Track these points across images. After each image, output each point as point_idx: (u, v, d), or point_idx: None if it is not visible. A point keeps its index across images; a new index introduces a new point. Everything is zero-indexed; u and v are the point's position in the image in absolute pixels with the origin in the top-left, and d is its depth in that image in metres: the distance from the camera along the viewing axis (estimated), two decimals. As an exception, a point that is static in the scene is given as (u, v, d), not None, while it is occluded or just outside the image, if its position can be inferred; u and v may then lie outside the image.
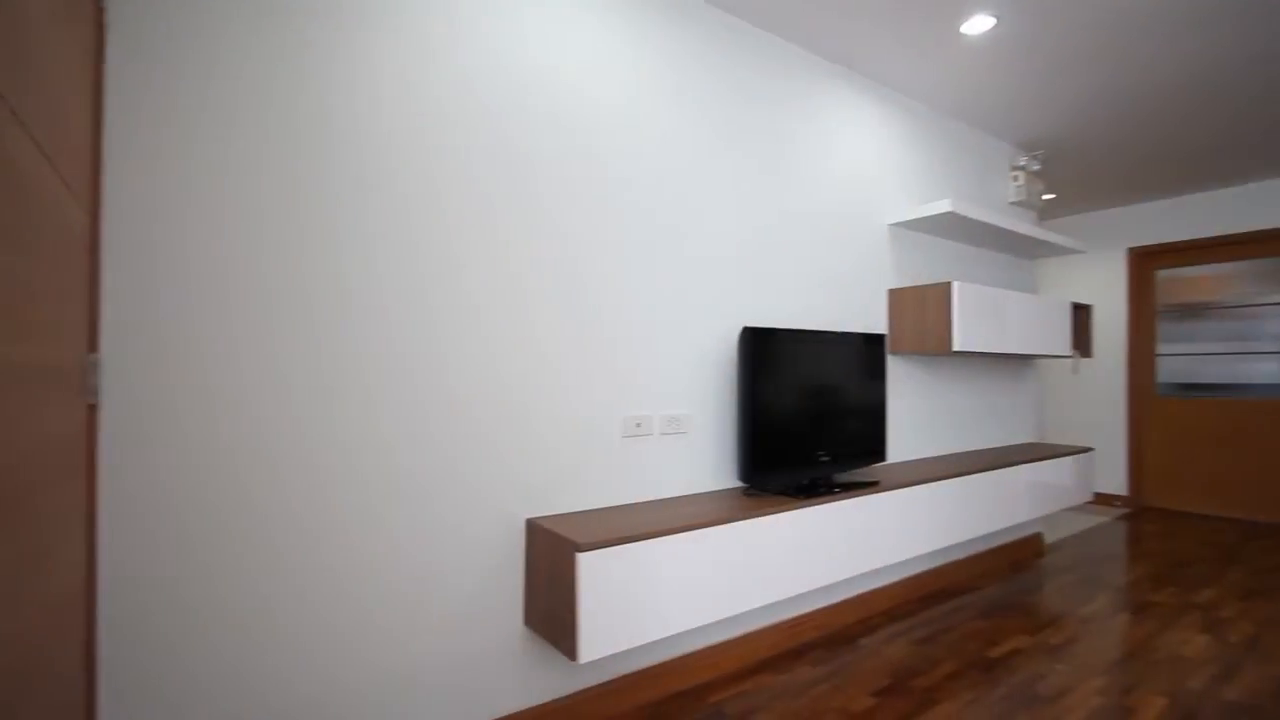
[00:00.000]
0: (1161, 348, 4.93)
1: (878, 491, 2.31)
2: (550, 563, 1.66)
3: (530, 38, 1.84)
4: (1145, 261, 5.01)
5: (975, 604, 2.89)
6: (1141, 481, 4.99)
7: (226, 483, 1.37)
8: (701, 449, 2.24)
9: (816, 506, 2.10)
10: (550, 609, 1.65)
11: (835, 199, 2.72)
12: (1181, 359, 4.83)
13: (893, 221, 2.93)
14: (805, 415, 2.29)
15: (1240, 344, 4.57)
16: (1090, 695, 2.08)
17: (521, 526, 1.81)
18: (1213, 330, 4.69)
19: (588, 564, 1.54)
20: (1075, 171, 4.18)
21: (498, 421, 1.76)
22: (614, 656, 1.97)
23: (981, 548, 3.37)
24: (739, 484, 2.34)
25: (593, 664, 1.93)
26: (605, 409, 1.98)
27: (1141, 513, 4.80)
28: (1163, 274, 4.94)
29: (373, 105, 1.57)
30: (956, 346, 2.66)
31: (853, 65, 2.76)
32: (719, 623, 2.24)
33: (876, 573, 2.81)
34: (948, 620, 2.70)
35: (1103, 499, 5.14)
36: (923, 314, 2.77)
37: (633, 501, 2.05)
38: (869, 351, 2.55)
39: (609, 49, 2.02)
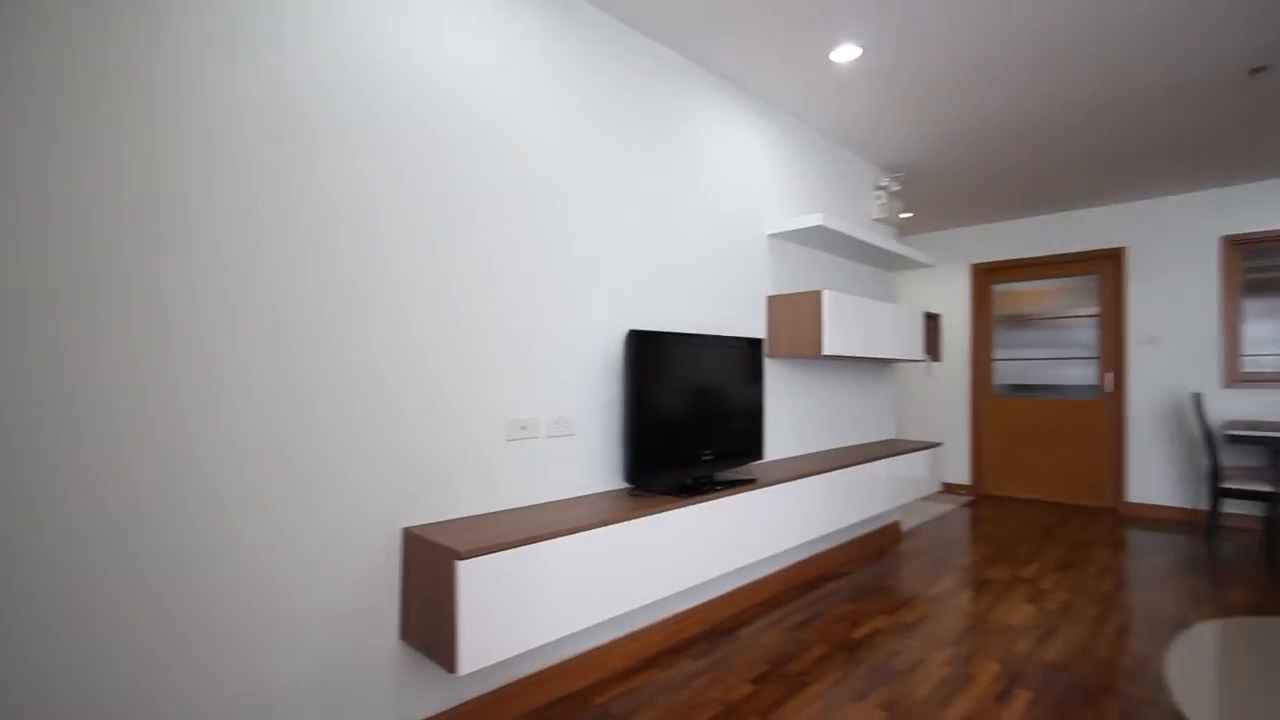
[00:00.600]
0: (997, 353, 5.58)
1: (756, 488, 2.42)
2: (429, 572, 1.60)
3: (415, 37, 1.77)
4: (985, 277, 5.65)
5: (843, 589, 3.11)
6: (981, 472, 5.61)
7: (69, 484, 1.20)
8: (589, 451, 2.25)
9: (700, 505, 2.17)
10: (429, 621, 1.59)
11: (721, 209, 2.83)
12: (1013, 363, 5.49)
13: (772, 232, 3.09)
14: (689, 416, 2.37)
15: (1058, 350, 5.26)
16: (938, 666, 2.30)
17: (399, 535, 1.72)
18: (1037, 338, 5.37)
19: (468, 571, 1.50)
20: (929, 194, 4.63)
21: (371, 427, 1.67)
22: (498, 665, 1.93)
23: (849, 537, 3.64)
24: (626, 485, 2.37)
25: (475, 675, 1.88)
26: (489, 411, 1.93)
27: (981, 500, 5.40)
28: (998, 288, 5.59)
29: (229, 103, 1.44)
30: (826, 350, 2.85)
31: (739, 82, 2.89)
32: (606, 623, 2.26)
33: (756, 565, 2.96)
34: (819, 606, 2.89)
35: (950, 488, 5.73)
36: (797, 320, 2.96)
37: (518, 506, 2.02)
38: (749, 355, 2.67)
39: (498, 51, 1.98)
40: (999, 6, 2.28)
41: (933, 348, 4.02)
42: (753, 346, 2.70)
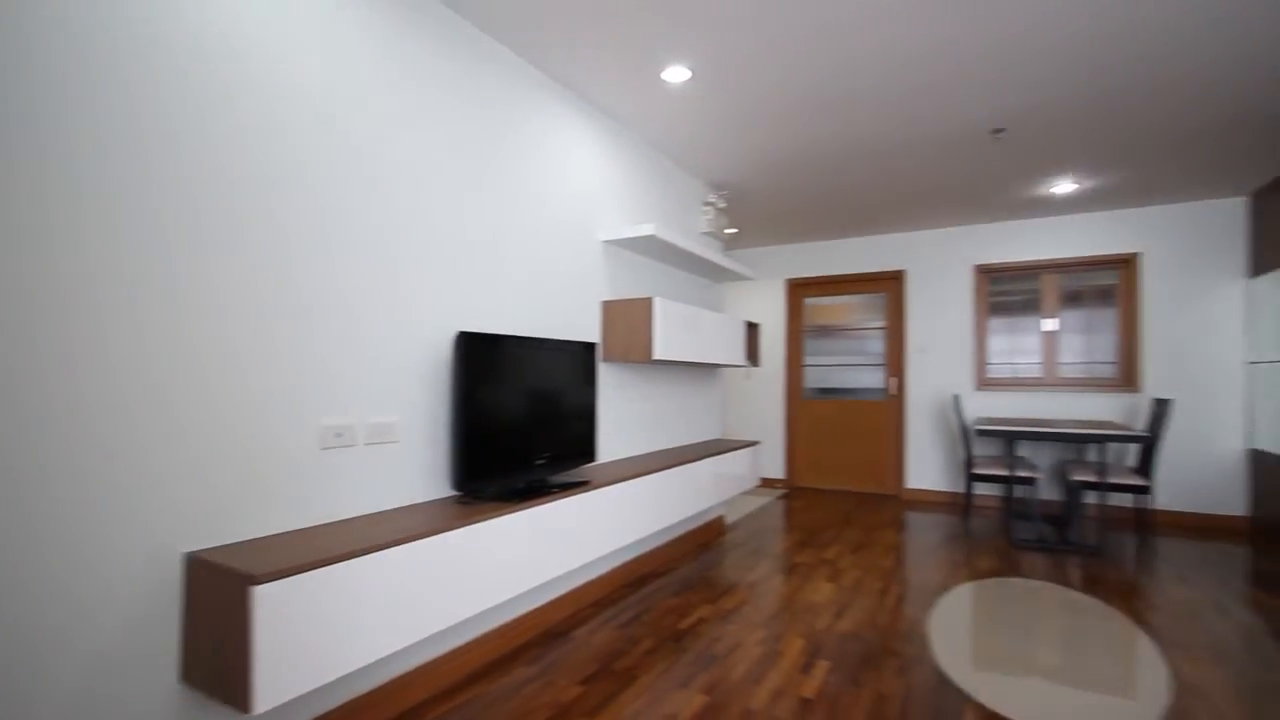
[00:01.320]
0: (807, 360, 6.21)
1: (589, 490, 2.46)
2: (218, 601, 1.41)
3: (235, 20, 1.56)
4: (798, 290, 6.26)
5: (671, 583, 3.26)
6: (794, 466, 6.21)
7: None
8: (415, 458, 2.13)
9: (532, 509, 2.15)
10: (218, 656, 1.40)
11: (556, 213, 2.85)
12: (820, 368, 6.15)
13: (607, 238, 3.17)
14: (523, 420, 2.34)
15: (855, 357, 5.99)
16: (753, 646, 2.50)
17: (180, 561, 1.50)
18: (839, 347, 6.07)
19: (266, 597, 1.35)
20: (752, 212, 5.04)
21: (143, 438, 1.44)
22: (308, 696, 1.75)
23: (678, 533, 3.82)
24: (455, 492, 2.28)
25: (278, 711, 1.69)
26: (298, 417, 1.76)
27: (794, 492, 5.96)
28: (809, 301, 6.23)
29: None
30: (657, 355, 2.98)
31: (582, 92, 2.93)
32: (433, 638, 2.15)
33: (590, 565, 3.00)
34: (648, 601, 3.00)
35: (768, 483, 6.26)
36: (630, 325, 3.06)
37: (333, 520, 1.86)
38: (583, 358, 2.71)
39: (320, 33, 1.81)
40: (803, 55, 2.55)
41: (753, 354, 4.37)
42: (587, 350, 2.74)
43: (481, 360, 2.16)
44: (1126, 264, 4.92)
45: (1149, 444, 3.97)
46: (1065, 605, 1.95)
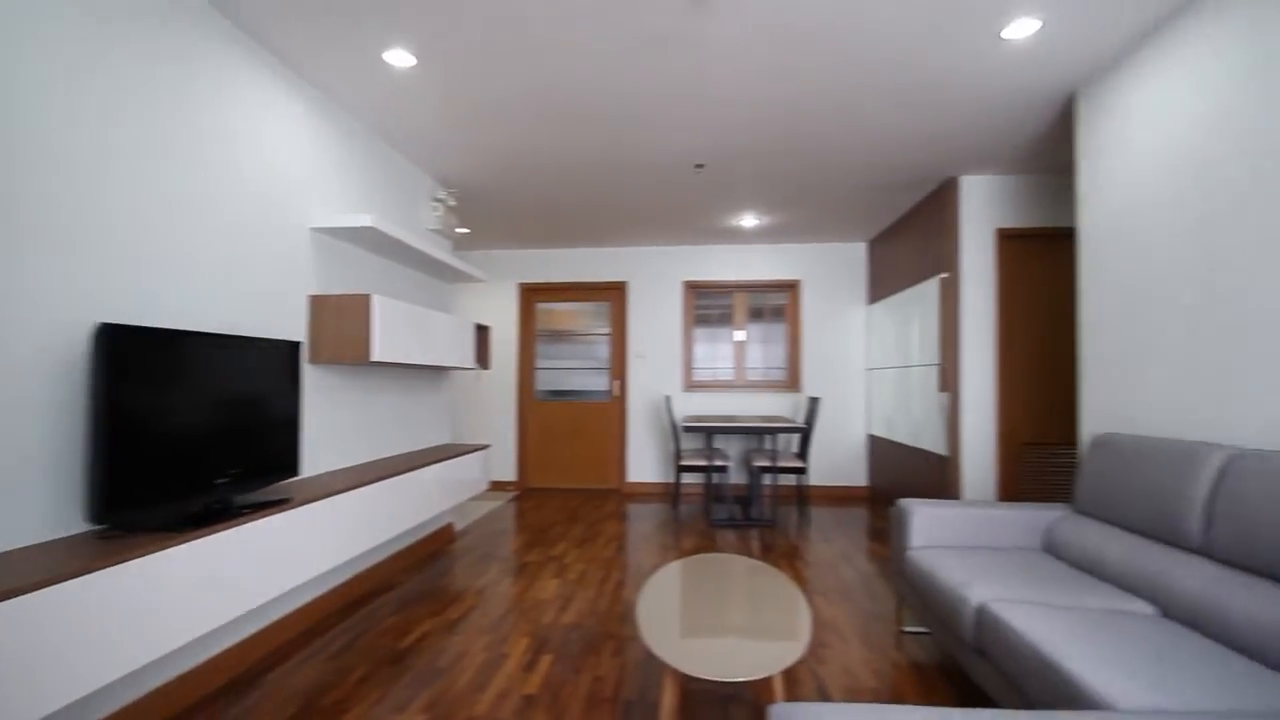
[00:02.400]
0: (539, 363, 6.36)
1: (289, 509, 2.17)
2: None
3: None
4: (530, 295, 6.38)
5: (393, 601, 3.04)
6: (526, 468, 6.29)
7: None
8: (28, 486, 1.63)
9: (210, 537, 1.82)
10: None
11: (257, 193, 2.45)
12: (551, 371, 6.35)
13: (317, 226, 2.84)
14: (198, 432, 1.96)
15: (583, 361, 6.32)
16: (479, 653, 2.46)
17: None
18: (569, 350, 6.35)
19: None
20: (485, 213, 4.98)
21: None
22: None
23: (402, 545, 3.59)
24: (95, 526, 1.81)
25: None
26: None
27: (526, 493, 6.04)
28: (541, 306, 6.39)
29: None
30: (376, 356, 2.76)
31: (293, 63, 2.57)
32: (59, 714, 1.67)
33: (293, 593, 2.64)
34: (365, 624, 2.75)
35: (499, 485, 6.24)
36: (344, 323, 2.78)
37: (-126, 582, 1.32)
38: (284, 359, 2.38)
39: None
40: (527, 66, 2.62)
41: (483, 357, 4.32)
42: (289, 350, 2.42)
43: (135, 360, 1.76)
44: (792, 288, 6.06)
45: (805, 433, 4.94)
46: (748, 571, 2.31)
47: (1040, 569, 2.13)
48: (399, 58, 2.60)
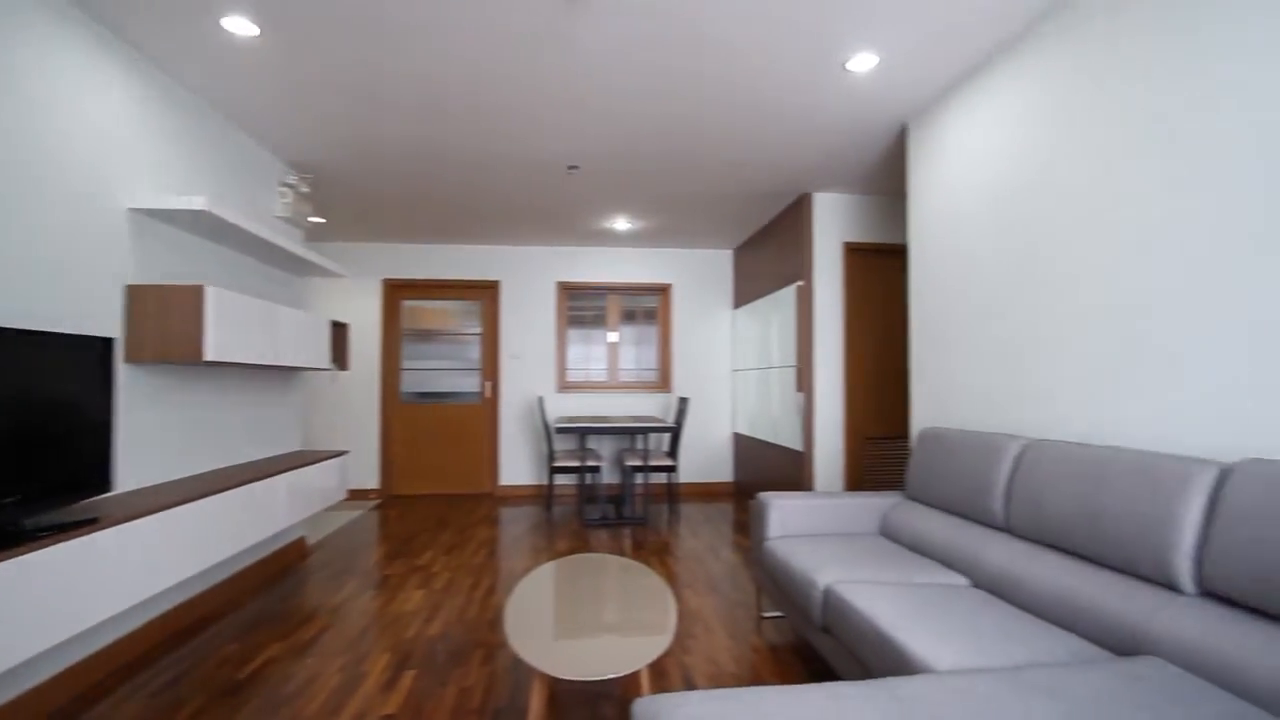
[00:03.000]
0: (405, 363, 6.04)
1: (97, 529, 1.89)
2: None
3: None
4: (396, 292, 6.04)
5: (233, 626, 2.75)
6: (390, 474, 5.95)
7: None
8: None
9: (-10, 568, 1.54)
10: None
11: (50, 160, 2.11)
12: (419, 372, 6.05)
13: (137, 206, 2.50)
14: (-24, 445, 1.66)
15: (454, 362, 6.09)
16: (332, 675, 2.29)
17: None
18: (438, 351, 6.09)
19: None
20: (344, 203, 4.64)
21: None
22: None
23: (244, 563, 3.25)
24: None
25: None
26: None
27: (389, 501, 5.71)
28: (408, 303, 6.07)
29: None
30: (210, 355, 2.49)
31: (109, 23, 2.22)
32: None
33: (111, 623, 2.30)
34: (200, 653, 2.47)
35: (360, 494, 5.85)
36: (169, 318, 2.47)
37: None
38: (89, 358, 2.08)
39: None
40: (387, 51, 2.49)
41: (340, 356, 4.03)
42: (99, 347, 2.11)
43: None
44: (664, 291, 6.24)
45: (676, 433, 5.10)
46: (618, 570, 2.35)
47: (878, 551, 2.36)
48: (239, 25, 2.36)
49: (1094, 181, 2.04)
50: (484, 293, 6.11)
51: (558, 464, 5.04)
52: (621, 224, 5.25)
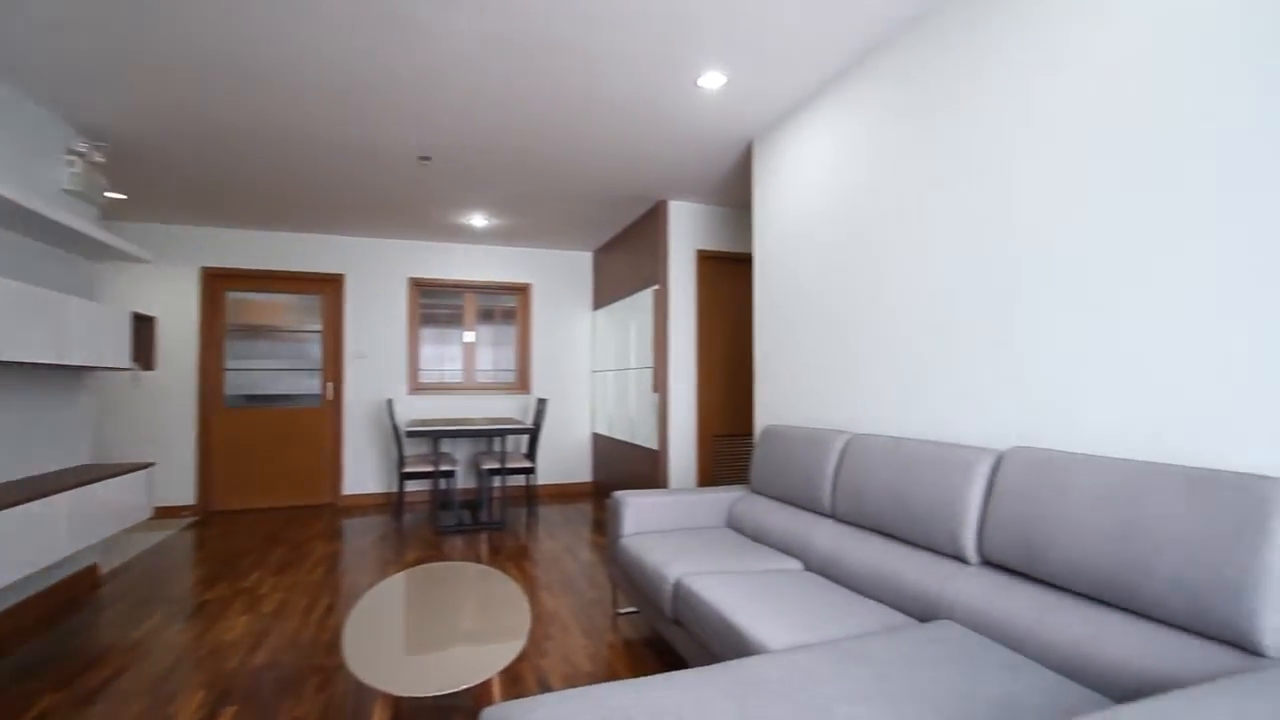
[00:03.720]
0: (230, 363, 5.39)
1: None
2: None
3: None
4: (218, 282, 5.38)
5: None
6: (210, 488, 5.29)
7: None
8: None
9: None
10: None
11: None
12: (247, 373, 5.44)
13: None
14: None
15: (289, 362, 5.55)
16: (130, 722, 2.00)
17: None
18: (271, 350, 5.51)
19: None
20: (151, 178, 4.05)
21: None
22: None
23: (12, 600, 2.72)
24: None
25: None
26: None
27: (209, 518, 5.07)
28: (233, 296, 5.43)
29: None
30: (-34, 355, 2.06)
31: None
32: None
33: None
34: (-61, 719, 2.03)
35: (170, 511, 5.14)
36: (-93, 308, 2.02)
37: None
38: None
39: None
40: (214, 8, 2.23)
41: (145, 354, 3.51)
42: None
43: None
44: (523, 291, 6.15)
45: (534, 434, 5.05)
46: (471, 577, 2.28)
47: (724, 542, 2.51)
48: (10, -37, 1.98)
49: (905, 209, 2.32)
50: (326, 287, 5.63)
51: (409, 469, 4.78)
52: (479, 220, 5.10)
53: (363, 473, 5.62)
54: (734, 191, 4.33)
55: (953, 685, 1.31)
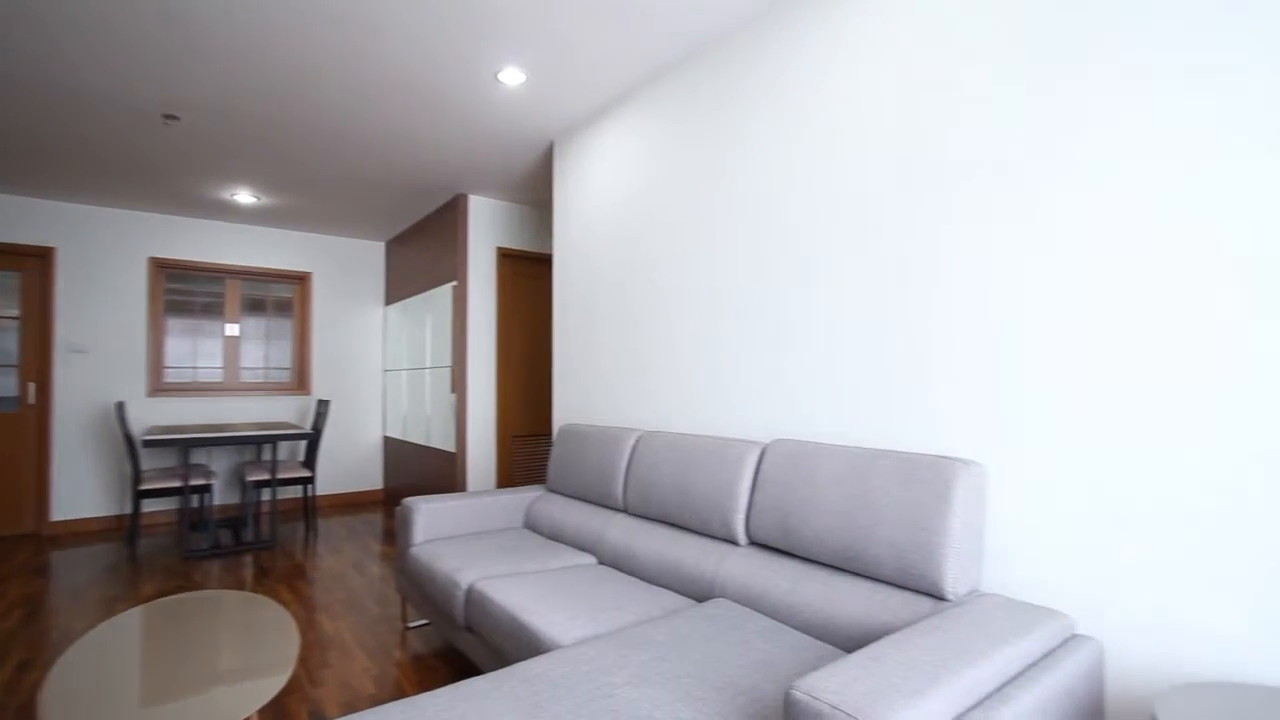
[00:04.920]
0: None
1: None
2: None
3: None
4: None
5: None
6: None
7: None
8: None
9: None
10: None
11: None
12: (-106, 372, 4.13)
13: None
14: None
15: (-33, 357, 4.34)
16: None
17: None
18: (-65, 341, 4.26)
19: None
20: None
21: None
22: None
23: None
24: None
25: None
26: None
27: None
28: None
29: None
30: None
31: None
32: None
33: None
34: None
35: None
36: None
37: None
38: None
39: None
40: None
41: None
42: None
43: None
44: (302, 280, 5.52)
45: (314, 440, 4.56)
46: (231, 606, 1.98)
47: (521, 544, 2.50)
48: None
49: (682, 223, 2.51)
50: (26, 262, 4.50)
51: (147, 486, 4.02)
52: (245, 197, 4.46)
53: (80, 493, 4.60)
54: (536, 190, 4.32)
55: (721, 655, 1.45)
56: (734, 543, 2.00)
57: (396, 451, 5.48)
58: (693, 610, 1.73)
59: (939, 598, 1.48)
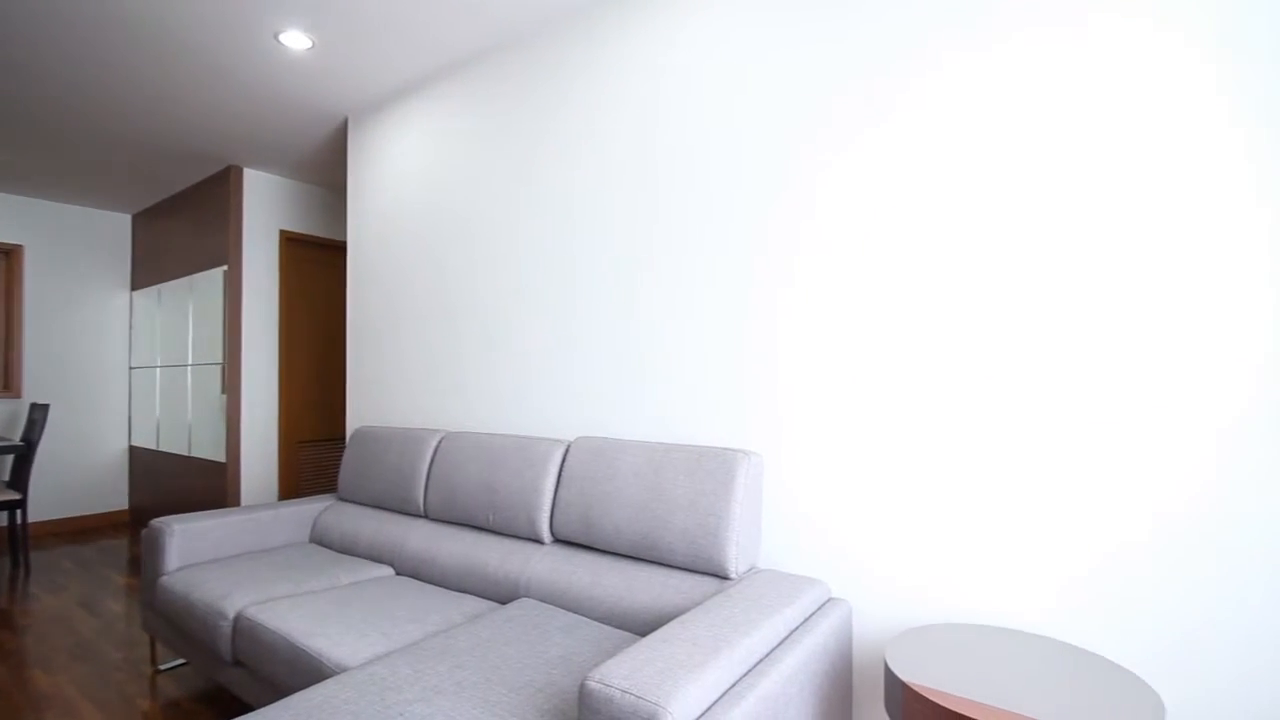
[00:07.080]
0: None
1: None
2: None
3: None
4: None
5: None
6: None
7: None
8: None
9: None
10: None
11: None
12: None
13: None
14: None
15: None
16: None
17: None
18: None
19: None
20: None
21: None
22: None
23: None
24: None
25: None
26: None
27: None
28: None
29: None
30: None
31: None
32: None
33: None
34: None
35: None
36: None
37: None
38: None
39: None
40: None
41: None
42: None
43: None
44: (8, 255, 4.42)
45: (26, 454, 3.68)
46: None
47: (305, 560, 2.25)
48: None
49: (484, 218, 2.46)
50: None
51: None
52: (-84, 146, 3.46)
53: None
54: (329, 171, 3.93)
55: (520, 656, 1.44)
56: (539, 541, 2.00)
57: (147, 464, 4.63)
58: (495, 613, 1.70)
59: (724, 577, 1.62)
